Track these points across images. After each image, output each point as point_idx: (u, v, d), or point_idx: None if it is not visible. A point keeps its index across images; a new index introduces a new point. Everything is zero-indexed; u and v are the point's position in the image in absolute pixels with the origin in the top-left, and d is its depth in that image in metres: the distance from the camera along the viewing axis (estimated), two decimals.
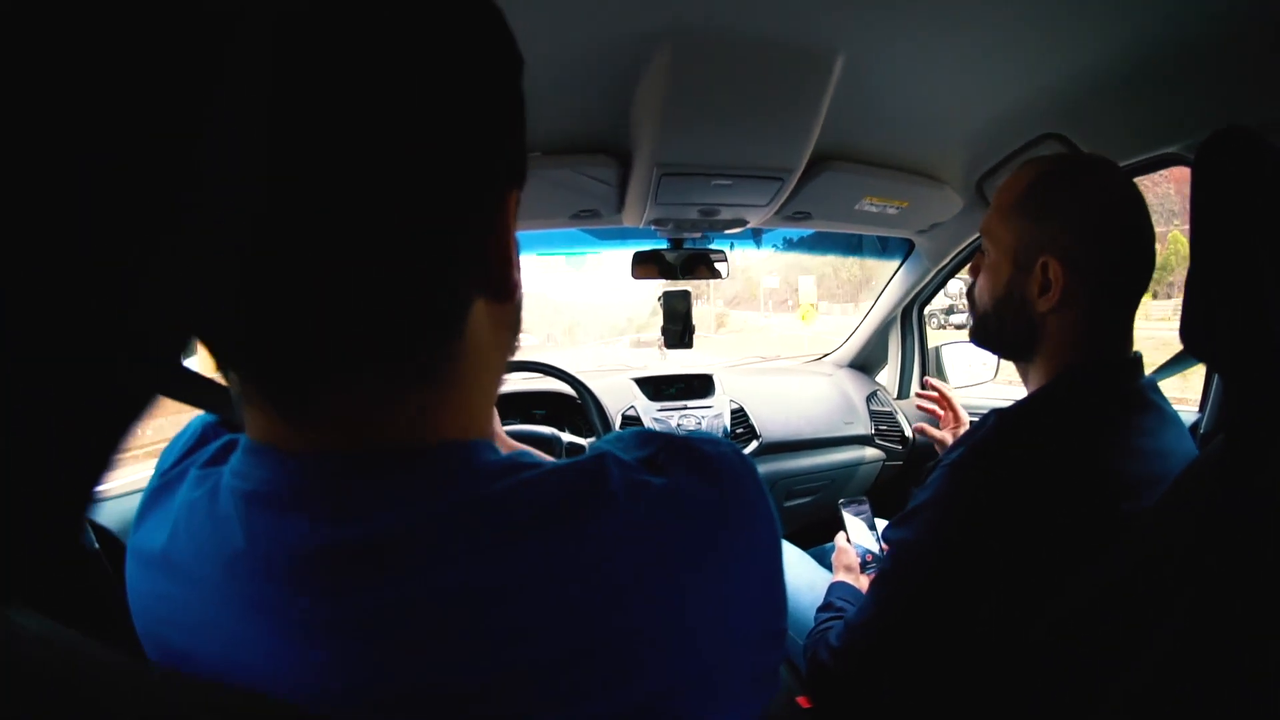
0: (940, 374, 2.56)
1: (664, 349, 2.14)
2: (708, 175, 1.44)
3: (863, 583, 1.38)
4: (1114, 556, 0.79)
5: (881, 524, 1.76)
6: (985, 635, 0.89)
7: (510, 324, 0.49)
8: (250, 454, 0.41)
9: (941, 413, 1.61)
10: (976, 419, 1.19)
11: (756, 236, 2.26)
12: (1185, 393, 1.84)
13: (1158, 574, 0.73)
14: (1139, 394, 0.95)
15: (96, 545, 1.23)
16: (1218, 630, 0.65)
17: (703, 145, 1.33)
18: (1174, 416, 0.96)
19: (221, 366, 0.39)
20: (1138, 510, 0.82)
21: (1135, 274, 0.94)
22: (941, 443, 1.53)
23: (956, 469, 0.93)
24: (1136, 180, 1.52)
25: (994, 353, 1.12)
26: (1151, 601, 0.72)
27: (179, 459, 0.52)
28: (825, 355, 3.00)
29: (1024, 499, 0.86)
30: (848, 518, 1.63)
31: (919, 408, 1.71)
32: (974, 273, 1.09)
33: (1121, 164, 1.47)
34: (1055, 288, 0.93)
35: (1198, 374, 1.54)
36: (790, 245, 2.66)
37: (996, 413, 0.95)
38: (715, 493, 0.45)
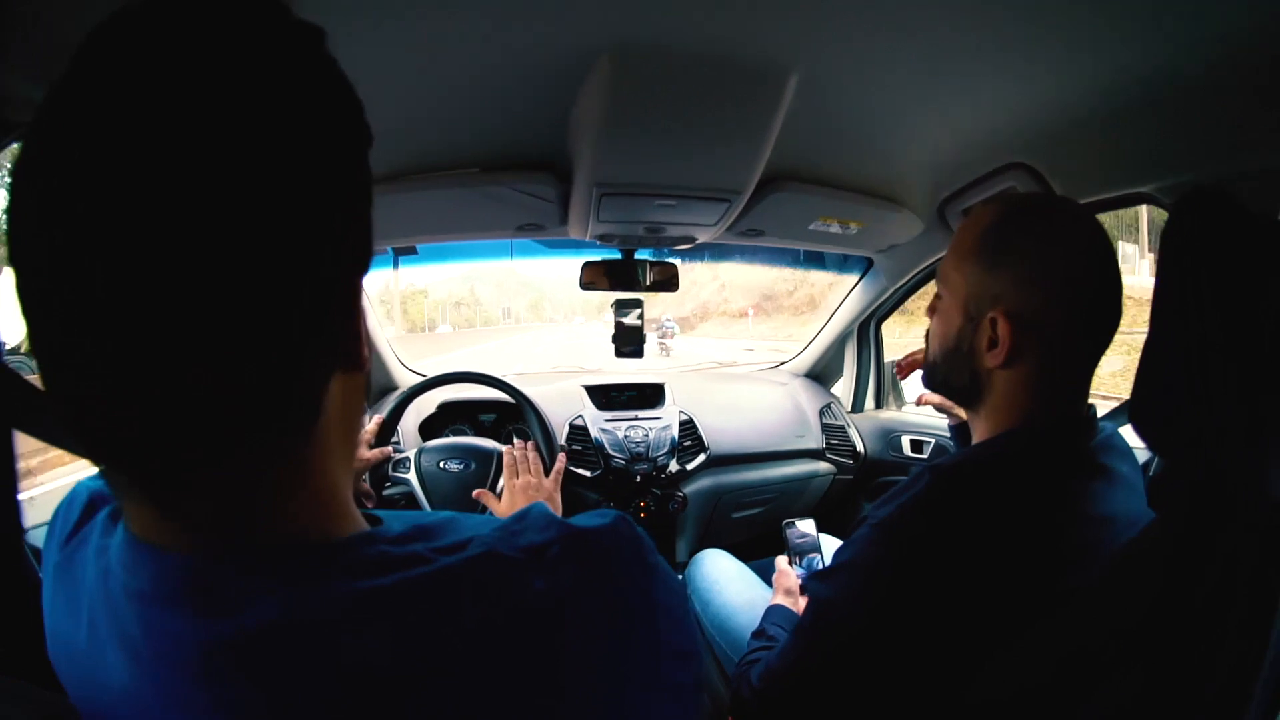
0: (896, 390, 2.56)
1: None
2: (650, 195, 1.39)
3: (801, 605, 1.33)
4: (1050, 632, 0.77)
5: (828, 542, 1.74)
6: (912, 694, 0.86)
7: (361, 388, 0.50)
8: (132, 549, 0.41)
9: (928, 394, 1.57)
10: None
11: (711, 250, 2.22)
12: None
13: (1096, 654, 0.71)
14: (1089, 457, 0.90)
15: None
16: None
17: (644, 165, 1.28)
18: (1125, 478, 0.91)
19: (96, 462, 0.39)
20: (1075, 583, 0.79)
21: (1096, 331, 0.88)
22: (941, 404, 1.48)
23: (885, 529, 0.87)
24: None
25: (944, 396, 1.09)
26: (1089, 681, 0.70)
27: (72, 532, 0.52)
28: (782, 363, 2.97)
29: (955, 566, 0.82)
30: (792, 540, 1.59)
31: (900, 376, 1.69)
32: (931, 314, 1.04)
33: (1090, 200, 1.44)
34: (1002, 346, 0.88)
35: None
36: (747, 258, 2.62)
37: (931, 470, 0.89)
38: (599, 601, 0.46)
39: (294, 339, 0.38)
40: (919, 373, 1.44)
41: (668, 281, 1.91)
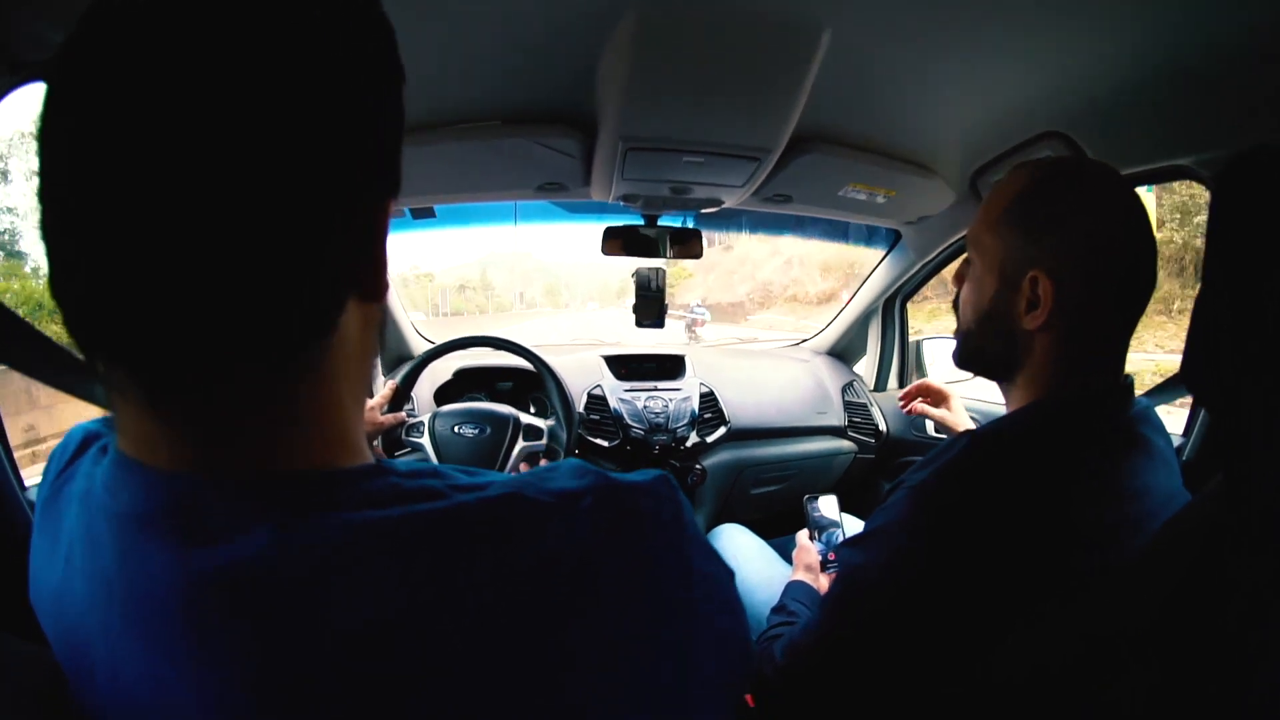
0: (920, 370, 2.51)
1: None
2: (677, 151, 1.34)
3: (822, 583, 1.32)
4: (1087, 605, 0.73)
5: (849, 520, 1.71)
6: (938, 668, 0.83)
7: (377, 323, 0.48)
8: (119, 468, 0.40)
9: (924, 407, 1.57)
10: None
11: (737, 218, 2.18)
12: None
13: (1125, 638, 0.67)
14: (1127, 427, 0.86)
15: None
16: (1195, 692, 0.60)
17: (672, 120, 1.23)
18: (1163, 452, 0.88)
19: (90, 352, 0.37)
20: (1110, 557, 0.76)
21: (1133, 295, 0.85)
22: (941, 420, 1.52)
23: (920, 493, 0.84)
24: None
25: (976, 372, 1.02)
26: (1125, 659, 0.66)
27: (62, 469, 0.50)
28: (804, 340, 2.93)
29: (992, 532, 0.78)
30: (812, 515, 1.55)
31: (909, 412, 1.64)
32: (958, 282, 1.00)
33: (1126, 172, 1.39)
34: (1043, 306, 0.84)
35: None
36: (773, 229, 2.58)
37: (970, 435, 0.86)
38: (631, 561, 0.42)
39: (311, 250, 0.37)
40: (947, 355, 1.42)
41: (690, 249, 1.87)
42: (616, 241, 1.85)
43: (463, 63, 1.17)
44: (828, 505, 1.57)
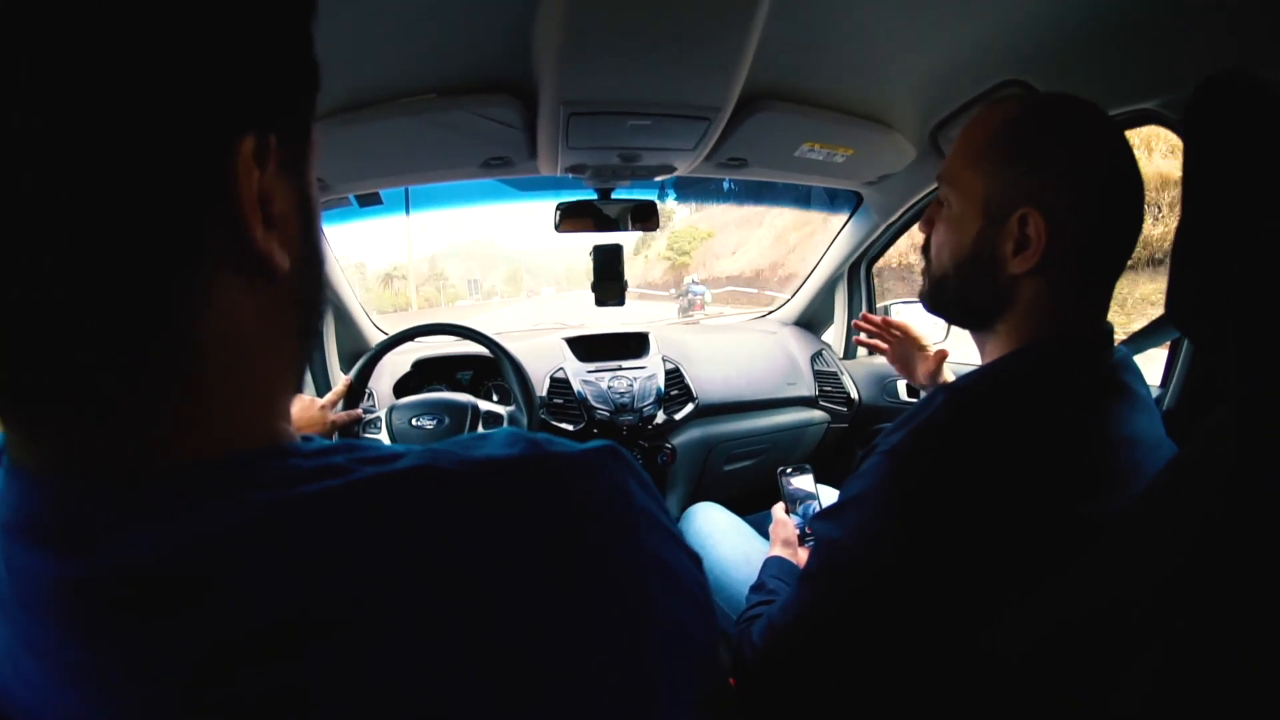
0: None
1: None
2: (622, 115, 1.28)
3: (801, 556, 1.29)
4: (1088, 565, 0.69)
5: (825, 491, 1.68)
6: (924, 645, 0.79)
7: (290, 304, 0.41)
8: (8, 476, 0.35)
9: (886, 345, 1.48)
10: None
11: (692, 187, 2.13)
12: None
13: (1139, 594, 0.62)
14: (1109, 375, 0.82)
15: None
16: (1216, 653, 0.56)
17: (613, 80, 1.16)
18: (1146, 399, 0.85)
19: None
20: (1102, 509, 0.72)
21: (1123, 236, 0.81)
22: (912, 374, 1.43)
23: (896, 457, 0.79)
24: None
25: (950, 320, 0.97)
26: (1133, 623, 0.62)
27: None
28: (769, 312, 2.90)
29: (975, 492, 0.74)
30: (787, 488, 1.52)
31: (857, 341, 1.59)
32: (928, 226, 0.94)
33: None
34: (1035, 245, 0.79)
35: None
36: (731, 197, 2.53)
37: (944, 391, 0.82)
38: (559, 548, 0.37)
39: (108, 220, 0.30)
40: (916, 319, 1.37)
41: (647, 219, 1.81)
42: (571, 218, 1.78)
43: (389, 31, 1.10)
44: (802, 478, 1.54)
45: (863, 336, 1.53)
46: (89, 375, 0.32)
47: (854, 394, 2.48)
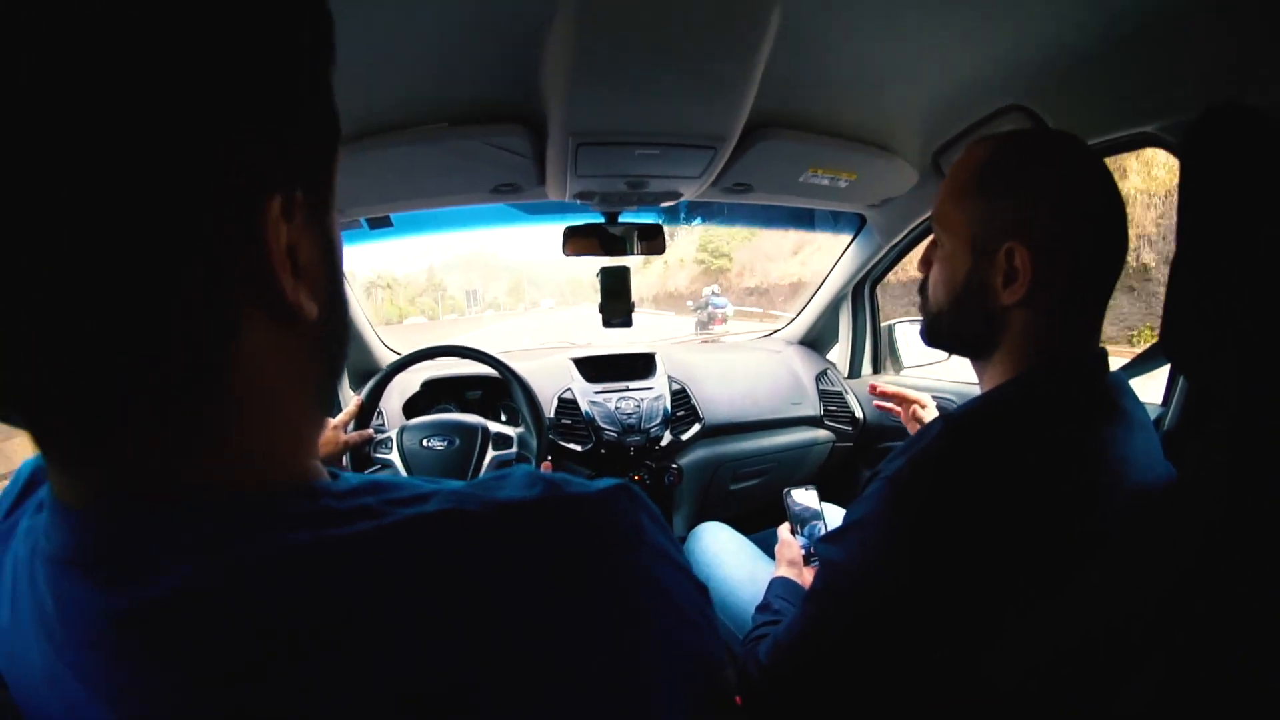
0: (893, 353, 2.50)
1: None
2: (630, 145, 1.30)
3: (806, 577, 1.29)
4: (1087, 582, 0.71)
5: (831, 510, 1.68)
6: (926, 666, 0.80)
7: (317, 347, 0.43)
8: (50, 510, 0.38)
9: (899, 409, 1.54)
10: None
11: (699, 210, 2.15)
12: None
13: (1139, 608, 0.64)
14: (1105, 396, 0.84)
15: None
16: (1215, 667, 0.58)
17: (621, 112, 1.19)
18: (1143, 421, 0.86)
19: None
20: (1098, 529, 0.74)
21: (1108, 262, 0.83)
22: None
23: (897, 484, 0.81)
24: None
25: (948, 351, 1.01)
26: (1130, 643, 0.63)
27: (10, 508, 0.48)
28: (775, 331, 2.91)
29: (973, 517, 0.75)
30: (793, 508, 1.52)
31: (877, 406, 1.62)
32: (925, 266, 0.97)
33: (1091, 141, 1.38)
34: (1022, 277, 0.82)
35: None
36: (737, 219, 2.55)
37: (944, 420, 0.83)
38: (581, 588, 0.39)
39: (145, 276, 0.31)
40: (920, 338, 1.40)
41: (654, 244, 1.83)
42: (578, 241, 1.81)
43: (400, 62, 1.12)
44: (807, 497, 1.54)
45: (878, 402, 1.59)
46: (128, 417, 0.34)
47: (859, 413, 2.49)
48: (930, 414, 1.49)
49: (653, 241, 1.83)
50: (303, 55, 0.37)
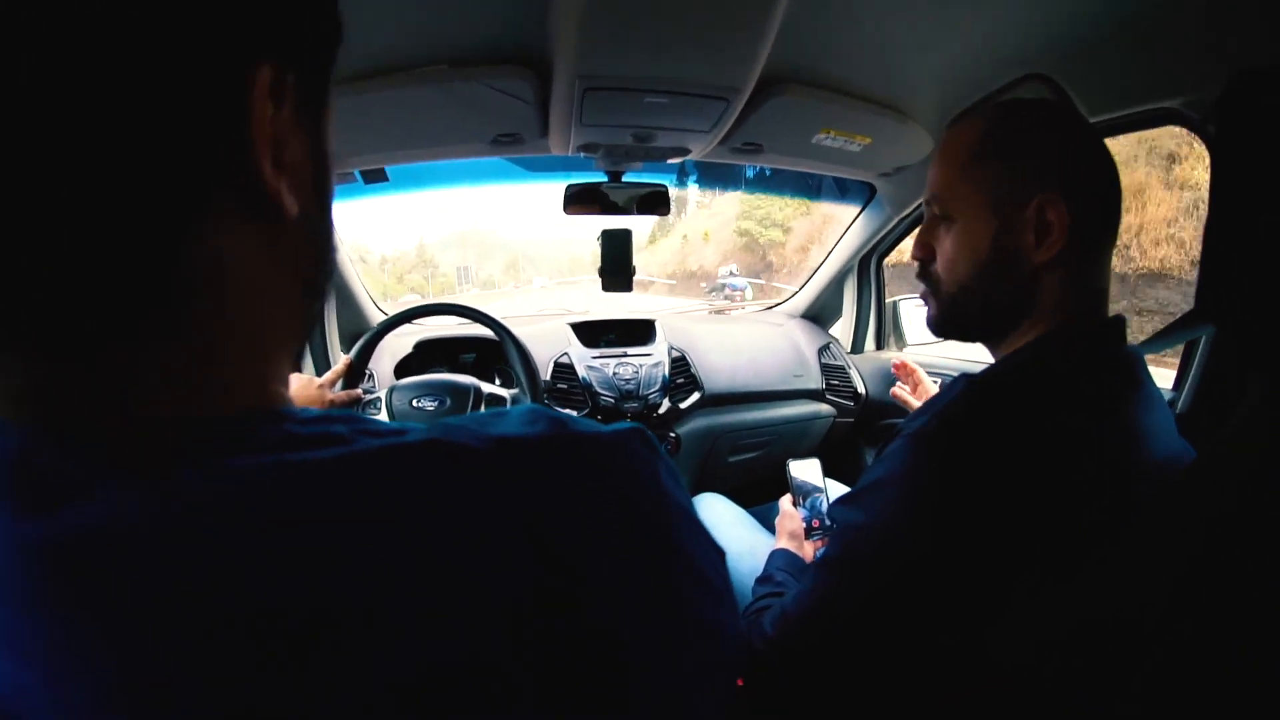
0: (897, 330, 2.48)
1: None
2: (639, 91, 1.25)
3: (806, 550, 1.27)
4: (1098, 567, 0.67)
5: (833, 485, 1.65)
6: (939, 638, 0.77)
7: (296, 254, 0.38)
8: None
9: (907, 391, 1.53)
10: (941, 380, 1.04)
11: (705, 172, 2.10)
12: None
13: (1153, 593, 0.61)
14: (1127, 364, 0.81)
15: None
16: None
17: (633, 56, 1.13)
18: (1159, 398, 0.83)
19: None
20: (1119, 502, 0.71)
21: (1115, 220, 0.83)
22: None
23: (921, 440, 0.78)
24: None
25: (969, 337, 0.93)
26: (1141, 629, 0.60)
27: None
28: (777, 304, 2.87)
29: (1000, 479, 0.73)
30: (795, 480, 1.49)
31: (894, 394, 1.57)
32: (924, 251, 0.92)
33: (1113, 116, 1.35)
34: (1058, 230, 0.78)
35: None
36: (742, 184, 2.50)
37: (966, 378, 0.81)
38: (594, 530, 0.34)
39: (109, 136, 0.28)
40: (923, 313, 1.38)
41: (657, 205, 1.79)
42: (579, 201, 1.76)
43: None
44: (810, 469, 1.51)
45: (899, 391, 1.55)
46: (74, 312, 0.29)
47: (861, 388, 2.46)
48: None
49: (657, 205, 1.79)
50: None
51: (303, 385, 1.41)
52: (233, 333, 0.35)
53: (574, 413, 1.98)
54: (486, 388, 1.65)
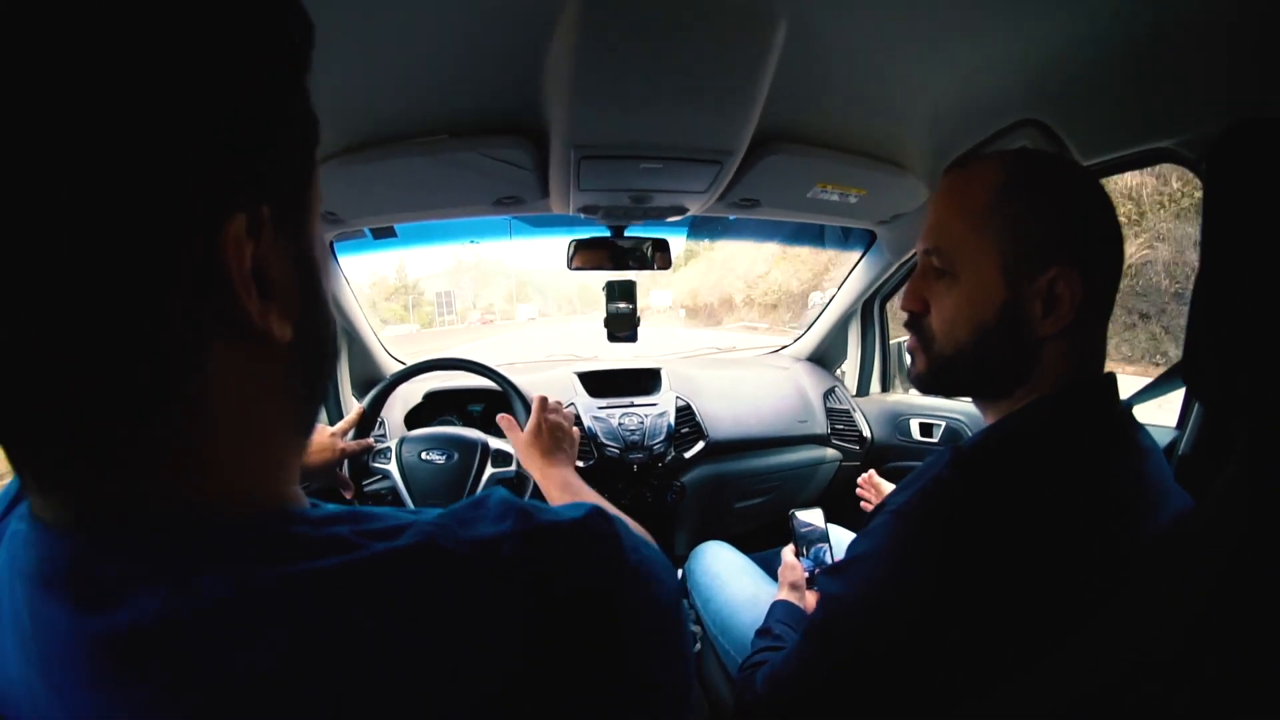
0: (902, 371, 2.48)
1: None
2: (634, 158, 1.28)
3: (809, 601, 1.27)
4: (1105, 627, 0.67)
5: (836, 531, 1.65)
6: (928, 706, 0.75)
7: (294, 369, 0.41)
8: (29, 526, 0.37)
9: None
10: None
11: (708, 225, 2.13)
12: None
13: (1164, 646, 0.62)
14: (1119, 422, 0.80)
15: None
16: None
17: (624, 124, 1.16)
18: (1151, 448, 0.81)
19: None
20: (1117, 568, 0.70)
21: (1119, 282, 0.81)
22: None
23: (904, 518, 0.76)
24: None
25: (958, 394, 0.92)
26: (1154, 685, 0.61)
27: (6, 509, 0.47)
28: (783, 347, 2.88)
29: (987, 553, 0.71)
30: (798, 529, 1.49)
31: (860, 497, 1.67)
32: (918, 304, 0.88)
33: (1106, 158, 1.36)
34: (1067, 305, 0.76)
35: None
36: (744, 234, 2.53)
37: (952, 449, 0.79)
38: (554, 618, 0.38)
39: (98, 294, 0.31)
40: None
41: (660, 259, 1.81)
42: (583, 255, 1.79)
43: (401, 72, 1.11)
44: (813, 518, 1.51)
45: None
46: (97, 440, 0.33)
47: (866, 432, 2.45)
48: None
49: (659, 256, 1.81)
50: (272, 64, 0.36)
51: (317, 434, 1.43)
52: (242, 443, 0.38)
53: (578, 464, 2.01)
54: (494, 443, 1.67)
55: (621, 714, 0.40)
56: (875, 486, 1.59)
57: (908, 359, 0.93)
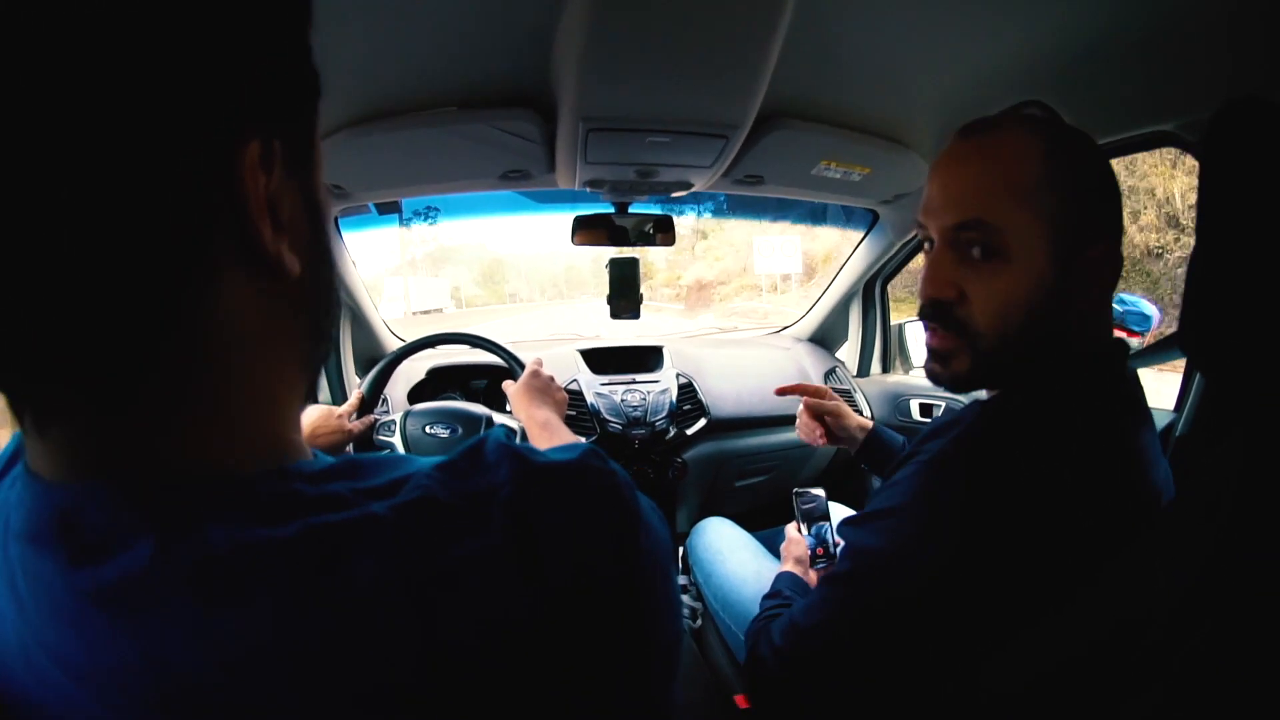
0: (903, 353, 2.49)
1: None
2: (641, 131, 1.28)
3: (811, 577, 1.26)
4: (1101, 589, 0.67)
5: (837, 509, 1.66)
6: (938, 663, 0.77)
7: (301, 307, 0.42)
8: (22, 483, 0.37)
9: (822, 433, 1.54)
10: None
11: (709, 201, 2.13)
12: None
13: (1152, 616, 0.61)
14: (1129, 387, 0.81)
15: None
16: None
17: (633, 96, 1.17)
18: (1149, 416, 0.83)
19: None
20: (1126, 527, 0.71)
21: None
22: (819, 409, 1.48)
23: (934, 467, 0.76)
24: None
25: (995, 386, 0.87)
26: (1140, 656, 0.60)
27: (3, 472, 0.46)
28: (785, 328, 2.89)
29: (1014, 506, 0.71)
30: (801, 507, 1.50)
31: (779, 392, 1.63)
32: (947, 289, 0.81)
33: (1107, 139, 1.36)
34: (1110, 274, 0.76)
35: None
36: (747, 213, 2.53)
37: (980, 403, 0.80)
38: (557, 563, 0.38)
39: (115, 222, 0.31)
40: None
41: (664, 235, 1.81)
42: (586, 231, 1.78)
43: (410, 43, 1.11)
44: (816, 496, 1.52)
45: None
46: (100, 380, 0.33)
47: (867, 412, 2.45)
48: (832, 404, 1.49)
49: (662, 232, 1.81)
50: (278, 11, 0.37)
51: (323, 416, 1.44)
52: (247, 385, 0.38)
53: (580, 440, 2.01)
54: (498, 417, 1.68)
55: (626, 657, 0.40)
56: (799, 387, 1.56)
57: (918, 353, 0.90)
